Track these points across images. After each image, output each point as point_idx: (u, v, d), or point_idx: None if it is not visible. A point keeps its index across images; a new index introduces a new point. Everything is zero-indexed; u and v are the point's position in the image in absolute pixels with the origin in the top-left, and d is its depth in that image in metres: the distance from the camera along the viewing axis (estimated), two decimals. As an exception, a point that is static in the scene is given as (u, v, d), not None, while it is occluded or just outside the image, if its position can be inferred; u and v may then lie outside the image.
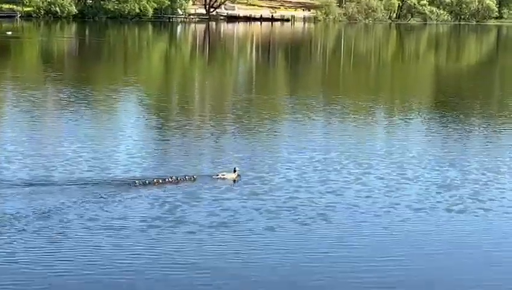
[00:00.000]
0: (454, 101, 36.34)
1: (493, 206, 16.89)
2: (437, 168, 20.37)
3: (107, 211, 15.55)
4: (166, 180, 17.86)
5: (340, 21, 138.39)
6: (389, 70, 57.40)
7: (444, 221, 15.76)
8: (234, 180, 18.46)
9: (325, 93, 38.72)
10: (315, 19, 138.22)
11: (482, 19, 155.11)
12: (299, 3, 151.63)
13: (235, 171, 18.71)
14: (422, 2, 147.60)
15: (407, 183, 18.60)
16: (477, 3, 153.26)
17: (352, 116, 29.90)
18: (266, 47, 79.12)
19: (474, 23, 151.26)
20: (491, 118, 30.68)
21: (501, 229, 15.59)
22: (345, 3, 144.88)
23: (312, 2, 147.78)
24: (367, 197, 17.31)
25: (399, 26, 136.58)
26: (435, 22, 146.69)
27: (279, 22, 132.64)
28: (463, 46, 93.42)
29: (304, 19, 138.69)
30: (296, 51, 75.67)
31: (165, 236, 14.31)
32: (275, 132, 25.82)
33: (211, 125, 26.65)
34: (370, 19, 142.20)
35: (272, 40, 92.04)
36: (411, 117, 30.47)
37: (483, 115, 31.67)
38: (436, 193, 17.79)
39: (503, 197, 17.68)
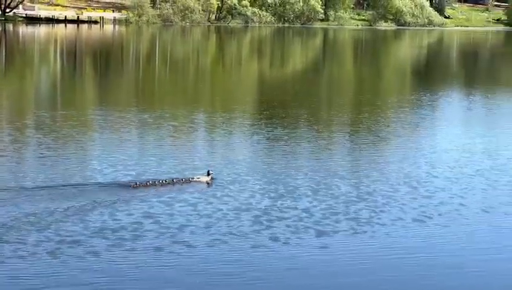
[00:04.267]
0: (280, 110, 37.15)
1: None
2: (272, 190, 20.75)
3: None
4: None
5: (154, 23, 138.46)
6: (209, 78, 57.97)
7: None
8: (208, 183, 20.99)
9: (139, 106, 38.53)
10: (126, 21, 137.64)
11: (308, 21, 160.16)
12: (108, 3, 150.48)
13: (209, 174, 21.28)
14: (243, 3, 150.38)
15: (240, 212, 18.80)
16: (302, 5, 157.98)
17: (170, 131, 29.92)
18: (72, 53, 77.87)
19: (299, 25, 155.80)
20: (319, 127, 31.76)
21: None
22: (159, 4, 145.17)
23: (123, 2, 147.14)
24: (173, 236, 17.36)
25: (219, 28, 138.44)
26: (257, 24, 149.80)
27: (86, 24, 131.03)
28: (288, 51, 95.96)
29: (114, 21, 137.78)
30: (106, 57, 75.02)
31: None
32: (85, 151, 25.44)
33: (8, 147, 25.88)
34: (187, 20, 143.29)
35: (79, 45, 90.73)
36: (234, 129, 30.89)
37: (312, 124, 32.66)
38: (268, 222, 18.00)
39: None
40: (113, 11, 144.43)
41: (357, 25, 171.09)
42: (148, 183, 20.58)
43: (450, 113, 39.65)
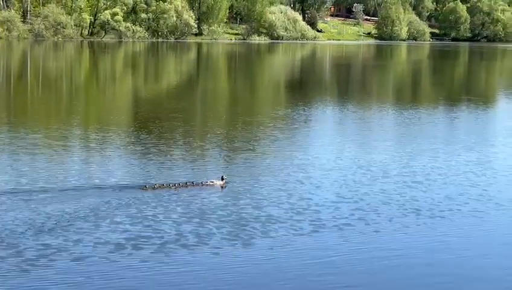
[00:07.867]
0: (154, 126, 36.97)
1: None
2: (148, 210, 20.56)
3: None
4: None
5: (25, 38, 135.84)
6: (83, 95, 57.16)
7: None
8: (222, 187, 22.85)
9: (10, 124, 37.59)
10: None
11: (181, 36, 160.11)
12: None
13: (222, 179, 23.24)
14: (116, 18, 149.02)
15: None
16: (175, 20, 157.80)
17: (43, 150, 29.38)
18: None
19: (173, 40, 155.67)
20: (192, 145, 31.73)
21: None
22: (30, 19, 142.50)
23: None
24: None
25: (92, 44, 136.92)
26: (131, 40, 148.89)
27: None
28: (162, 66, 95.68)
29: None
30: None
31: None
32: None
33: None
34: (59, 36, 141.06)
35: None
36: (108, 146, 30.57)
37: (185, 141, 32.60)
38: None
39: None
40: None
41: (231, 39, 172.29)
42: (163, 185, 22.42)
43: (324, 127, 40.21)
